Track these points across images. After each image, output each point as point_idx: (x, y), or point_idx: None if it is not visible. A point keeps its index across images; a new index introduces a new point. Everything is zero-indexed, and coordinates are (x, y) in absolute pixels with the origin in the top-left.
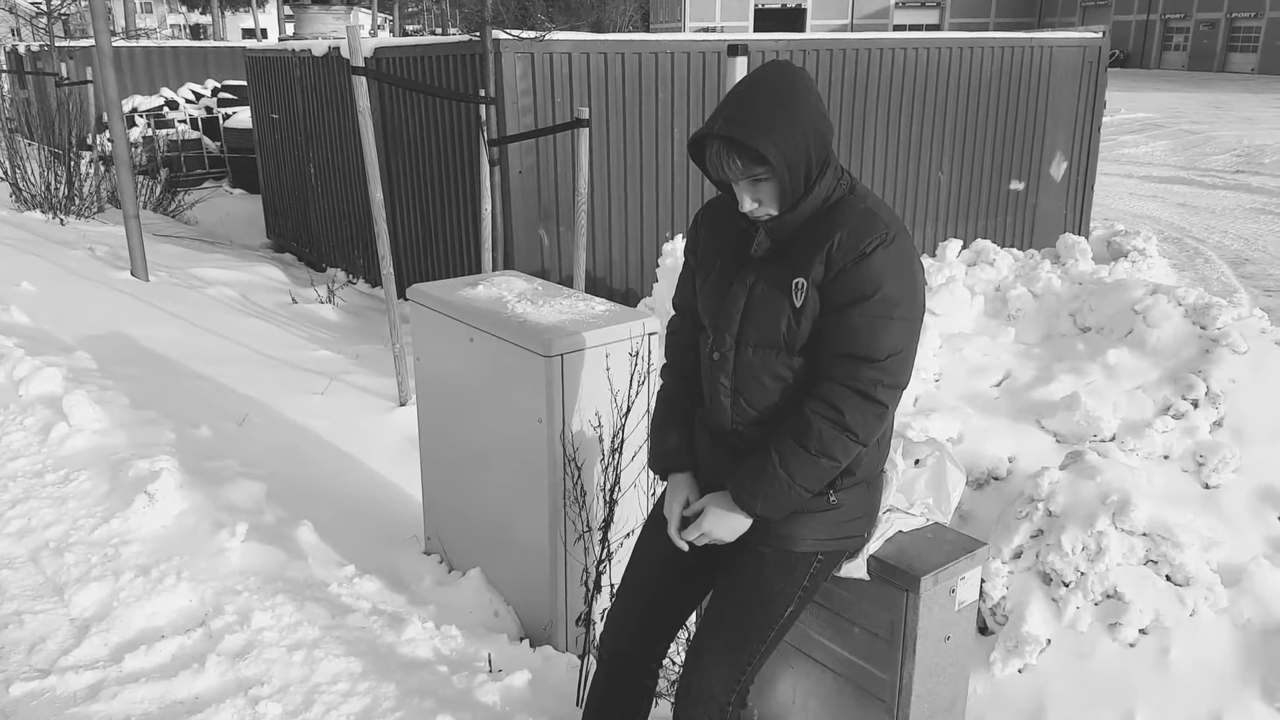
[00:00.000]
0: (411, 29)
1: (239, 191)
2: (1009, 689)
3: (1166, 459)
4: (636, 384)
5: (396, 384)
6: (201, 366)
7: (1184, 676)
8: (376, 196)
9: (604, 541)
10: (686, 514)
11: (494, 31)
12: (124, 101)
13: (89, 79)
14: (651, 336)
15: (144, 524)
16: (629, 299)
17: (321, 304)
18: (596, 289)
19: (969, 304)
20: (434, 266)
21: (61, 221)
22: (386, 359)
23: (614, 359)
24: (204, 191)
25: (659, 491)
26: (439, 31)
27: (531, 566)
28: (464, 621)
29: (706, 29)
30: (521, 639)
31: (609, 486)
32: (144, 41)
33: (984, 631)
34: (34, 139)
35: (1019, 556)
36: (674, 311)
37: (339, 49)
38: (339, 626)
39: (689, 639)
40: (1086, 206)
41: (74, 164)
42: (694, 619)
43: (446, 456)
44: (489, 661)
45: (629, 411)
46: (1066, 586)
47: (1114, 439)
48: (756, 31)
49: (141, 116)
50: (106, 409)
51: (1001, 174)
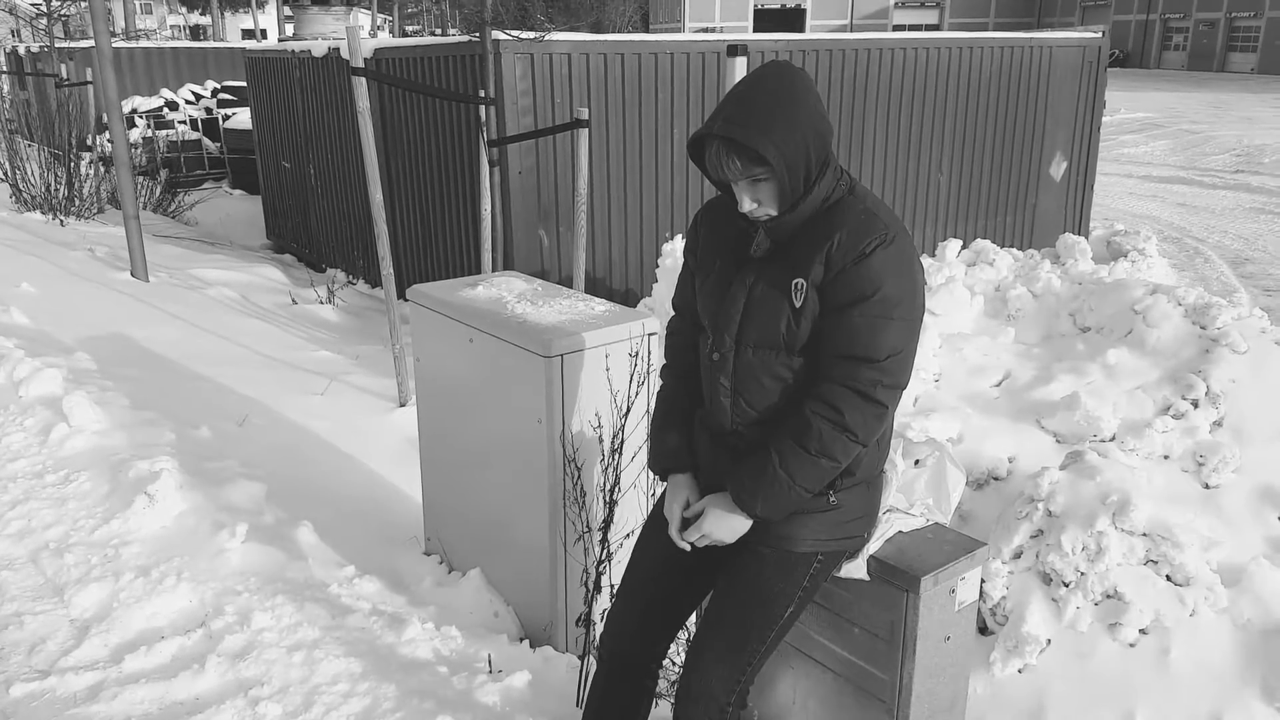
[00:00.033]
0: (411, 30)
1: (239, 192)
2: (1009, 689)
3: (1166, 459)
4: (636, 384)
5: (396, 384)
6: (201, 367)
7: (1184, 676)
8: (376, 197)
9: (604, 542)
10: (687, 515)
11: (494, 32)
12: (124, 102)
13: (89, 80)
14: (651, 337)
15: (144, 525)
16: (629, 299)
17: (321, 305)
18: (596, 289)
19: (969, 304)
20: (434, 267)
21: (61, 222)
22: (386, 360)
23: (614, 359)
24: (204, 192)
25: (659, 492)
26: (439, 32)
27: (531, 567)
28: (464, 622)
29: (706, 29)
30: (521, 639)
31: (609, 487)
32: (144, 42)
33: (984, 632)
34: (34, 140)
35: (1019, 557)
36: (673, 312)
37: (339, 50)
38: (339, 627)
39: (689, 639)
40: (1086, 206)
41: (74, 165)
42: (694, 619)
43: (446, 457)
44: (489, 662)
45: (629, 412)
46: (1066, 586)
47: (1114, 439)
48: (756, 32)
49: (141, 117)
50: (106, 410)
51: (1001, 174)
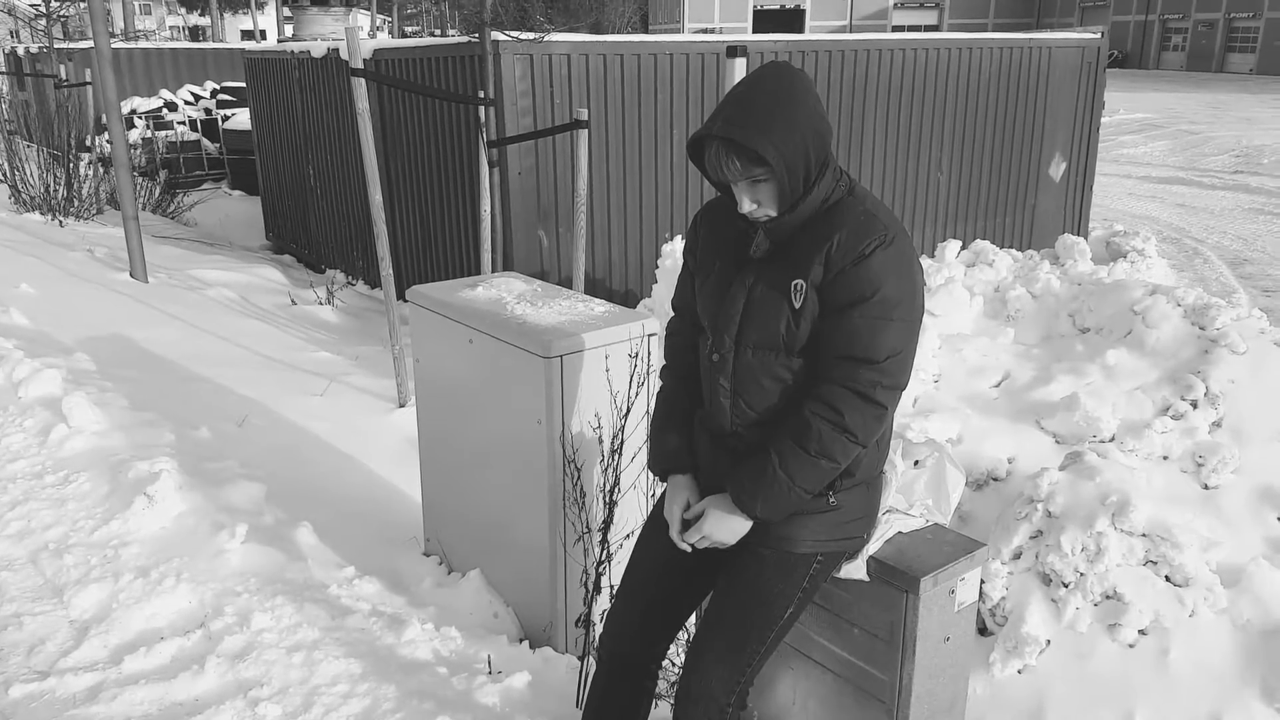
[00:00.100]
0: (410, 30)
1: (238, 193)
2: (1009, 690)
3: (1166, 459)
4: (636, 385)
5: (396, 385)
6: (201, 368)
7: (1183, 677)
8: (376, 198)
9: (604, 543)
10: (687, 516)
11: (493, 33)
12: (123, 103)
13: (88, 81)
14: (651, 338)
15: (143, 525)
16: (628, 300)
17: (321, 305)
18: (596, 290)
19: (968, 305)
20: (433, 268)
21: (60, 223)
22: (386, 360)
23: (613, 360)
24: (203, 193)
25: (658, 493)
26: (438, 33)
27: (531, 568)
28: (464, 623)
29: (705, 30)
30: (521, 640)
31: (608, 488)
32: (143, 43)
33: (983, 632)
34: (33, 141)
35: (1018, 557)
36: (673, 313)
37: (338, 50)
38: (339, 628)
39: (689, 640)
40: (1085, 207)
41: (73, 166)
42: (694, 620)
43: (446, 458)
44: (489, 663)
45: (628, 413)
46: (1066, 587)
47: (1113, 439)
48: (755, 32)
49: (140, 118)
50: (106, 410)
51: (1000, 175)
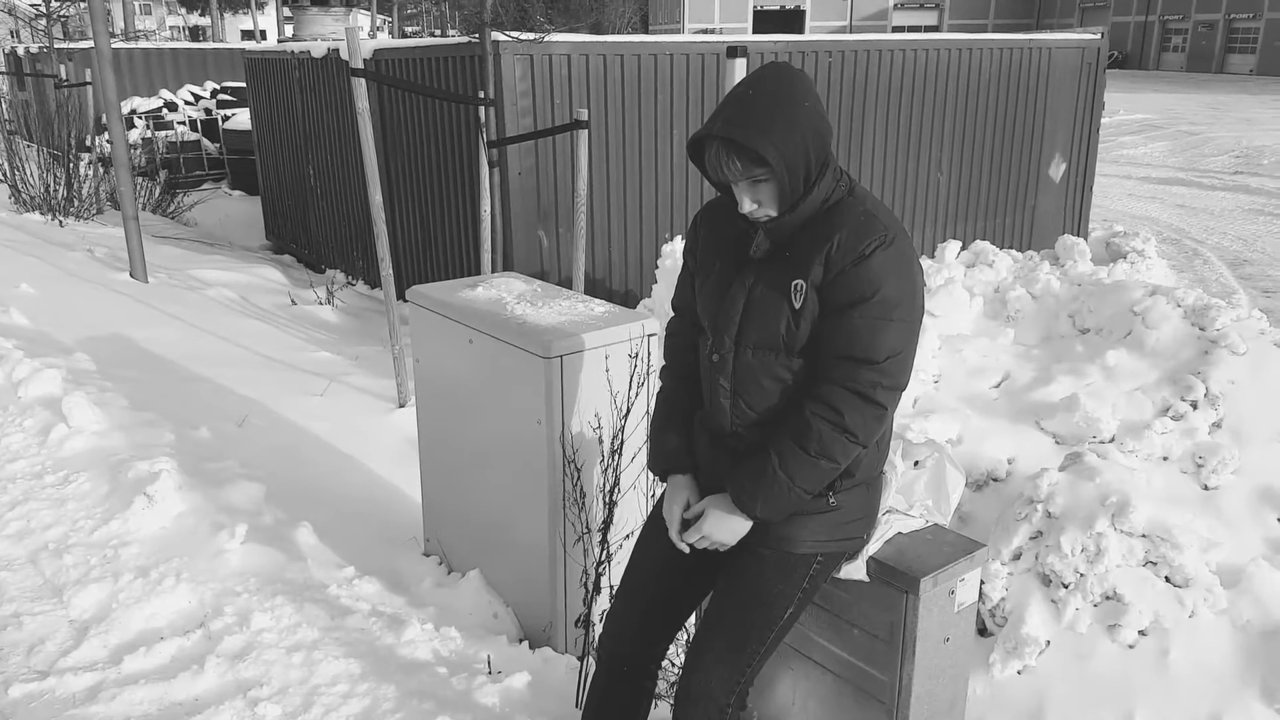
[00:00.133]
0: (410, 31)
1: (238, 193)
2: (1008, 690)
3: (1166, 460)
4: (636, 385)
5: (396, 385)
6: (201, 368)
7: (1183, 678)
8: (376, 198)
9: (603, 543)
10: (687, 516)
11: (493, 33)
12: (123, 103)
13: (88, 81)
14: (651, 338)
15: (143, 525)
16: (628, 300)
17: (321, 305)
18: (596, 290)
19: (968, 305)
20: (433, 268)
21: (60, 223)
22: (386, 360)
23: (613, 360)
24: (203, 193)
25: (658, 493)
26: (438, 33)
27: (531, 568)
28: (463, 623)
29: (705, 30)
30: (521, 640)
31: (608, 488)
32: (143, 43)
33: (983, 633)
34: (33, 141)
35: (1018, 558)
36: (673, 313)
37: (338, 51)
38: (338, 628)
39: (688, 640)
40: (1085, 208)
41: (73, 166)
42: (694, 620)
43: (446, 458)
44: (488, 663)
45: (628, 413)
46: (1066, 588)
47: (1113, 440)
48: (755, 33)
49: (140, 118)
50: (106, 410)
51: (1000, 175)
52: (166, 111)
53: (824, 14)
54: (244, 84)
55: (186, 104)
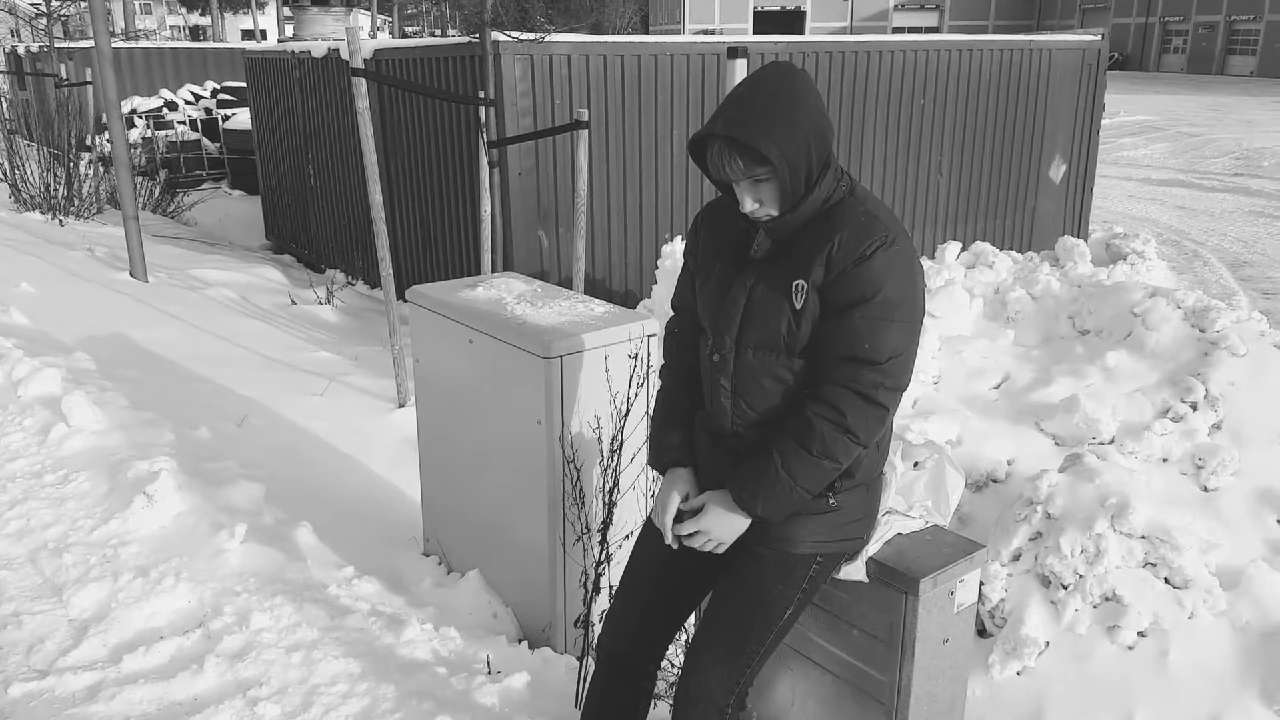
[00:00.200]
0: (411, 30)
1: (238, 193)
2: (1008, 691)
3: (1165, 462)
4: (635, 386)
5: (395, 385)
6: (200, 368)
7: (1183, 679)
8: (376, 198)
9: (603, 543)
10: (684, 508)
11: (493, 33)
12: (123, 103)
13: (88, 80)
14: (651, 338)
15: (143, 525)
16: (628, 301)
17: (320, 305)
18: (595, 291)
19: (968, 306)
20: (433, 268)
21: (61, 222)
22: (385, 360)
23: (613, 361)
24: (203, 193)
25: (658, 493)
26: (438, 33)
27: (530, 568)
28: (463, 623)
29: (706, 31)
30: (520, 641)
31: (608, 488)
32: (143, 43)
33: (983, 634)
34: (33, 140)
35: (1018, 559)
36: (673, 312)
37: (338, 50)
38: (338, 628)
39: (688, 640)
40: (1085, 209)
41: (73, 165)
42: (693, 620)
43: (445, 458)
44: (488, 663)
45: (628, 413)
46: (1065, 589)
47: (1113, 441)
48: (756, 34)
49: (140, 118)
50: (106, 410)
51: (1000, 177)
52: (166, 111)
53: (824, 15)
54: (244, 84)
55: (187, 103)
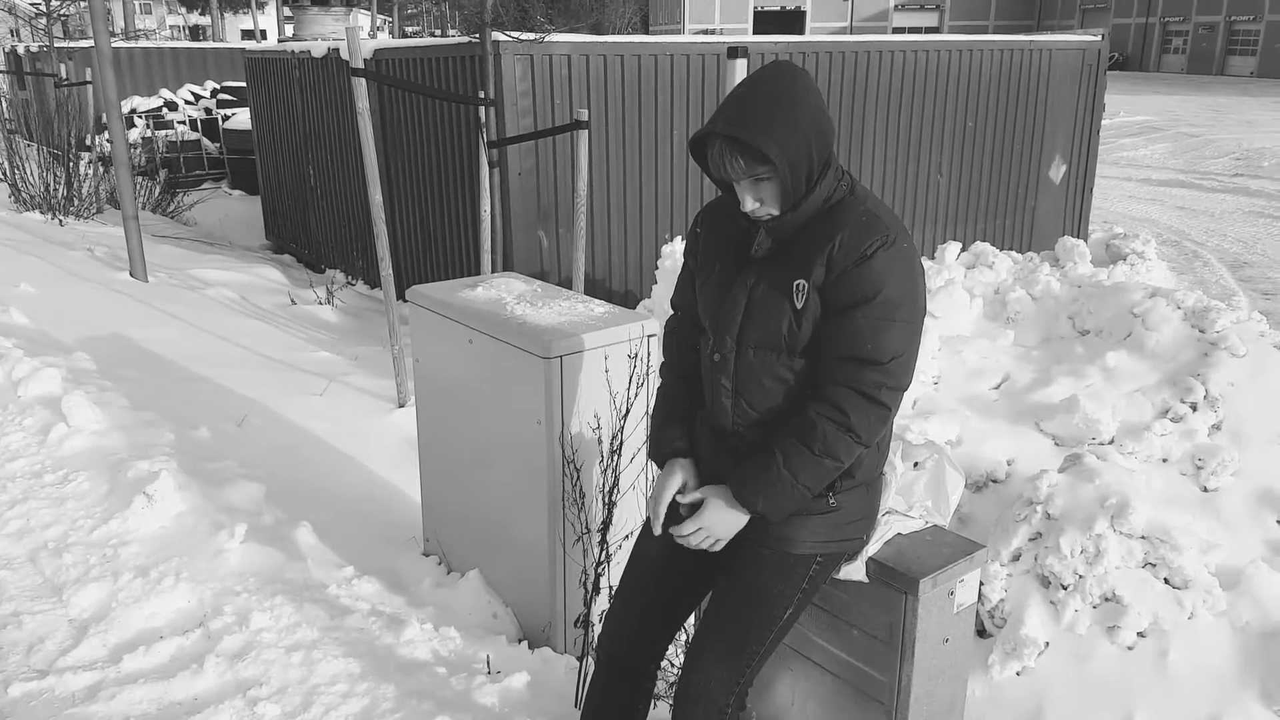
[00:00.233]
0: (411, 30)
1: (238, 193)
2: (1007, 691)
3: (1165, 462)
4: (635, 386)
5: (395, 385)
6: (200, 368)
7: (1182, 679)
8: (376, 198)
9: (603, 543)
10: (682, 500)
11: (493, 33)
12: (123, 102)
13: (88, 80)
14: (651, 338)
15: (143, 525)
16: (628, 301)
17: (320, 305)
18: (595, 291)
19: (968, 306)
20: (433, 268)
21: (60, 222)
22: (385, 360)
23: (613, 361)
24: (203, 193)
25: None
26: (438, 33)
27: (530, 568)
28: (463, 623)
29: (706, 31)
30: (520, 640)
31: (608, 488)
32: (143, 43)
33: (982, 634)
34: (33, 140)
35: (1017, 559)
36: (673, 311)
37: (338, 50)
38: (338, 628)
39: (688, 640)
40: (1085, 209)
41: (73, 165)
42: (693, 620)
43: (445, 458)
44: (488, 663)
45: (628, 413)
46: (1065, 589)
47: (1113, 442)
48: (756, 34)
49: (140, 117)
50: (105, 410)
51: (1000, 177)
52: (166, 111)
53: (824, 15)
54: (244, 83)
55: (186, 103)
